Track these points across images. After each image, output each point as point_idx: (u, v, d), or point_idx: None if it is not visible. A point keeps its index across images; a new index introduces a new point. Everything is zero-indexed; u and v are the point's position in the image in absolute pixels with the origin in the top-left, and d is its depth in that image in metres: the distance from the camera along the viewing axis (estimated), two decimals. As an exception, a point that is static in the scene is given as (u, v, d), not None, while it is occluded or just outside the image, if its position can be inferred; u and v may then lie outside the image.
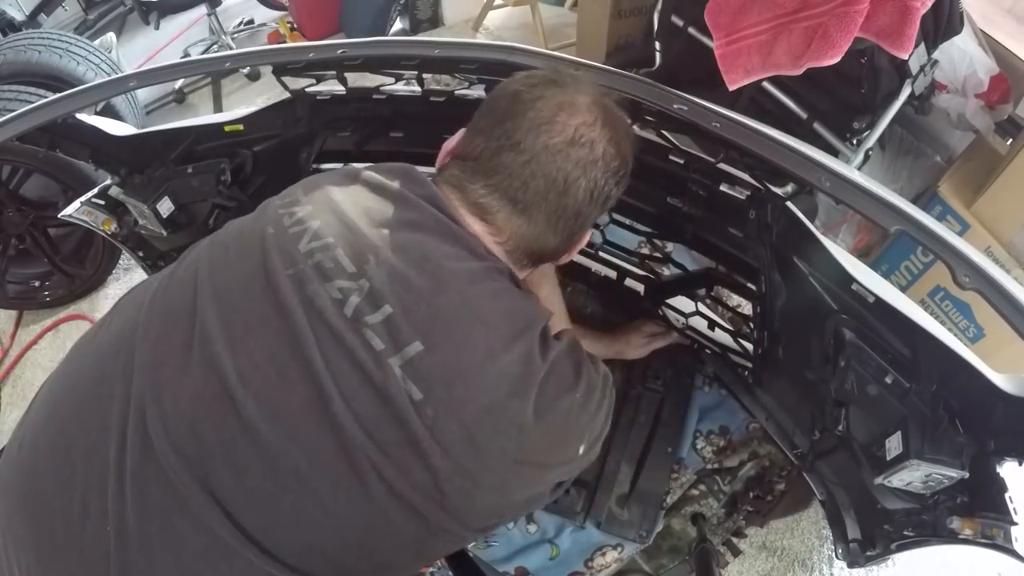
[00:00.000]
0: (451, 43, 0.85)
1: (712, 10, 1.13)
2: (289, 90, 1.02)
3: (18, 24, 2.60)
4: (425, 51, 0.85)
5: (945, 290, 1.46)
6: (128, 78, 0.94)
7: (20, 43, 1.88)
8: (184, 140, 1.05)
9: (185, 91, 2.64)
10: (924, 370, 0.68)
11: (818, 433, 0.90)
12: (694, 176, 0.91)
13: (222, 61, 0.95)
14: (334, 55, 0.88)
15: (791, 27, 1.04)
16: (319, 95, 1.05)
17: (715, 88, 1.21)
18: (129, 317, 0.59)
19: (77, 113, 0.95)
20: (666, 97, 0.76)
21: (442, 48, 0.84)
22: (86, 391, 0.57)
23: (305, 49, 0.91)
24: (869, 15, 0.98)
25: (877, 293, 0.71)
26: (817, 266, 0.79)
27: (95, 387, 0.56)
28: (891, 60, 1.19)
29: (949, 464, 0.63)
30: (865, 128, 1.35)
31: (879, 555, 0.80)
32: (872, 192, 0.66)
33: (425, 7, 2.70)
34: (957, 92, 1.41)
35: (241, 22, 2.99)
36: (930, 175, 1.61)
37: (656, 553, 1.14)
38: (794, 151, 0.70)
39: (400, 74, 0.95)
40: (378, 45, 0.90)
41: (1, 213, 1.70)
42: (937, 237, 0.63)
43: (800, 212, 0.79)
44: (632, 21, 2.02)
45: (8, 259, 1.80)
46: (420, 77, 0.96)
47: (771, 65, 1.07)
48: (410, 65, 0.89)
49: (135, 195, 1.03)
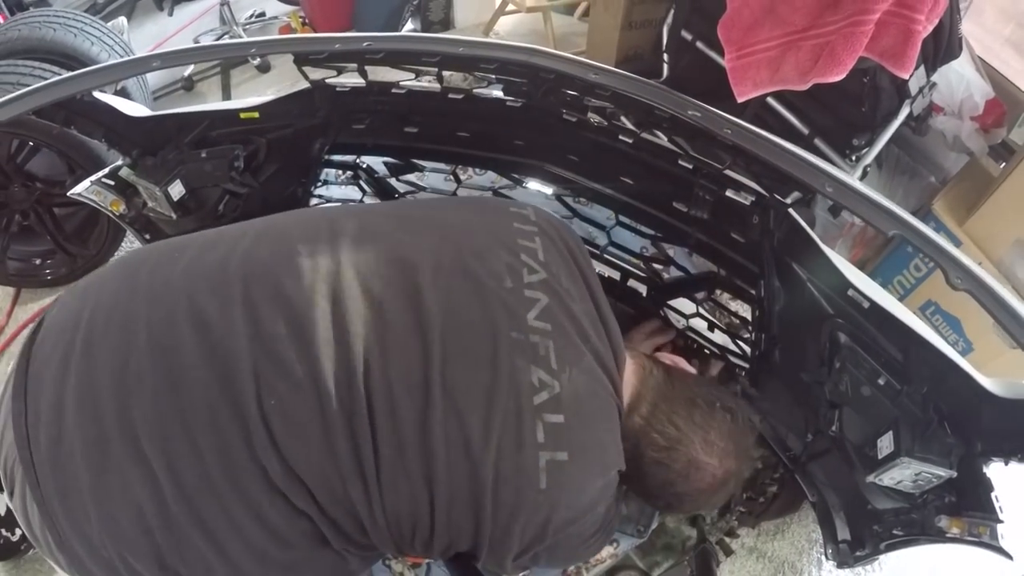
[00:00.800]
0: (475, 42, 0.88)
1: (725, 25, 1.17)
2: (309, 80, 1.04)
3: (26, 3, 2.60)
4: (449, 48, 0.87)
5: (936, 304, 1.50)
6: (151, 58, 0.95)
7: (35, 20, 1.89)
8: (199, 125, 1.06)
9: (194, 79, 2.64)
10: (915, 373, 0.71)
11: (811, 435, 0.93)
12: (701, 181, 0.94)
13: (248, 47, 0.97)
14: (358, 47, 0.90)
15: (800, 44, 1.08)
16: (338, 87, 1.07)
17: (720, 101, 1.24)
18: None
19: (95, 91, 0.95)
20: (681, 104, 0.79)
21: (466, 47, 0.86)
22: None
23: (330, 40, 0.93)
24: (874, 36, 1.02)
25: (872, 298, 0.74)
26: (815, 271, 0.82)
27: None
28: (892, 80, 1.24)
29: (938, 463, 0.66)
30: (864, 145, 1.39)
31: (868, 555, 0.82)
32: (872, 198, 0.69)
33: (438, 9, 2.74)
34: (953, 114, 1.45)
35: (253, 14, 3.01)
36: (925, 194, 1.66)
37: (650, 550, 1.16)
38: (800, 159, 0.73)
39: (420, 70, 0.97)
40: (403, 40, 0.92)
41: (7, 188, 1.70)
42: (931, 242, 0.66)
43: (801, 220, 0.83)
44: (642, 33, 2.06)
45: (10, 235, 1.79)
46: (440, 74, 0.97)
47: (779, 80, 1.11)
48: (432, 62, 0.91)
49: (147, 177, 1.03)
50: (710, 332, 1.16)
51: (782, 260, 0.87)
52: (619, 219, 1.18)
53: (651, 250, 1.22)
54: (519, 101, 1.01)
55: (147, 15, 3.08)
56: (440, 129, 1.15)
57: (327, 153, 1.20)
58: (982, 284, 0.61)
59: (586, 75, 0.80)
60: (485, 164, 1.20)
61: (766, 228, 0.90)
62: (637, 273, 1.23)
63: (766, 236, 0.90)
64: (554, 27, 2.56)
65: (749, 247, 0.94)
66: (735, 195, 0.91)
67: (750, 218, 0.91)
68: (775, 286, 0.91)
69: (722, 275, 1.05)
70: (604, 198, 1.15)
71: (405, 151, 1.22)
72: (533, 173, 1.18)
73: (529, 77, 0.91)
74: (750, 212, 0.91)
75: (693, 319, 1.15)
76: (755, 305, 0.99)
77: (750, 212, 0.91)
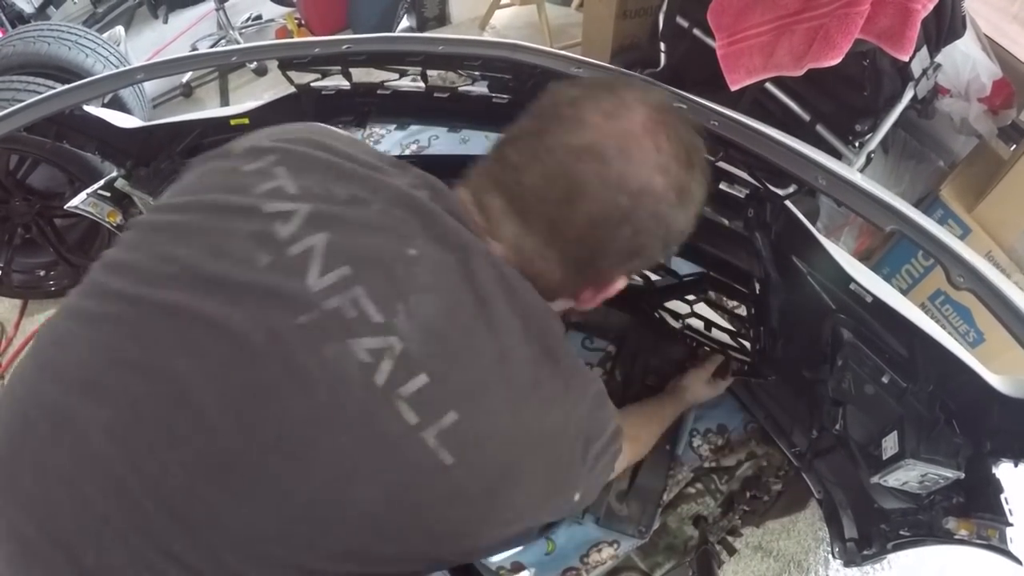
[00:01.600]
0: (455, 40, 0.86)
1: (715, 11, 1.14)
2: (295, 84, 1.03)
3: (27, 16, 2.62)
4: (429, 47, 0.86)
5: (946, 294, 1.46)
6: (135, 71, 0.95)
7: (29, 34, 1.90)
8: (190, 133, 1.06)
9: (192, 85, 2.65)
10: (921, 370, 0.69)
11: (816, 432, 0.91)
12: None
13: (229, 55, 0.97)
14: (339, 50, 0.89)
15: (793, 28, 1.05)
16: (324, 90, 1.06)
17: (719, 89, 1.21)
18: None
19: (84, 105, 0.96)
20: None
21: (446, 45, 0.85)
22: None
23: (310, 44, 0.92)
24: (870, 17, 0.99)
25: (875, 293, 0.71)
26: (815, 265, 0.80)
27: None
28: (893, 63, 1.20)
29: (945, 464, 0.64)
30: (867, 131, 1.35)
31: (875, 554, 0.81)
32: (868, 191, 0.66)
33: (432, 5, 2.72)
34: (960, 96, 1.41)
35: (249, 17, 3.01)
36: (932, 179, 1.61)
37: (652, 551, 1.15)
38: (791, 150, 0.70)
39: (404, 70, 0.96)
40: (382, 41, 0.91)
41: (8, 202, 1.72)
42: (932, 237, 0.63)
43: (799, 212, 0.80)
44: (637, 22, 2.02)
45: (14, 248, 1.81)
46: (424, 73, 0.96)
47: (773, 66, 1.08)
48: (414, 61, 0.90)
49: (141, 187, 1.04)
50: (708, 331, 1.14)
51: (781, 254, 0.85)
52: None
53: None
54: (505, 97, 0.99)
55: (145, 23, 3.09)
56: (429, 128, 1.14)
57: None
58: (985, 282, 0.58)
59: (568, 69, 0.78)
60: (473, 160, 1.20)
61: (762, 221, 0.87)
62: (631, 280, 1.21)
63: (763, 229, 0.88)
64: (550, 19, 2.53)
65: (742, 243, 0.92)
66: (729, 188, 0.89)
67: (745, 211, 0.89)
68: (775, 281, 0.89)
69: (713, 276, 1.02)
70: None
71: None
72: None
73: (514, 73, 0.89)
74: (745, 205, 0.89)
75: (690, 319, 1.13)
76: (751, 304, 0.96)
77: (745, 205, 0.89)
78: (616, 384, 1.26)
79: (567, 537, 1.16)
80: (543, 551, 1.16)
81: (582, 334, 1.35)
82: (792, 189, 0.80)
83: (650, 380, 1.22)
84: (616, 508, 1.14)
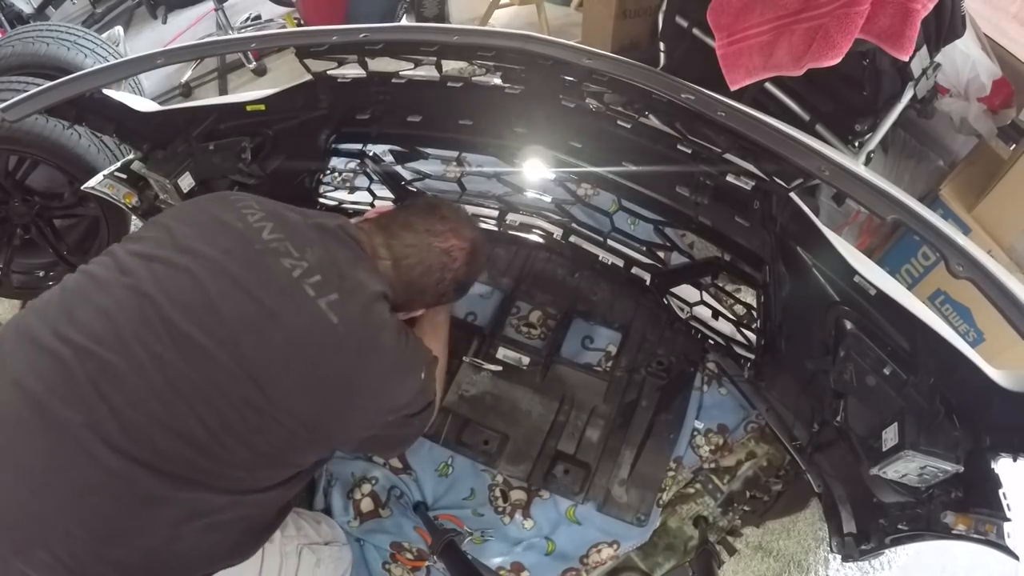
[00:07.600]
0: (469, 30, 0.87)
1: (714, 10, 1.14)
2: (311, 72, 1.03)
3: (26, 16, 2.62)
4: (444, 37, 0.87)
5: (946, 294, 1.46)
6: (155, 55, 0.95)
7: (28, 35, 1.89)
8: (207, 118, 1.07)
9: (192, 85, 2.65)
10: (922, 363, 0.69)
11: (817, 425, 0.91)
12: (701, 166, 0.92)
13: (248, 42, 0.98)
14: (356, 39, 0.90)
15: (792, 28, 1.05)
16: (340, 78, 1.06)
17: (719, 89, 1.21)
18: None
19: (104, 88, 0.96)
20: (674, 87, 0.77)
21: (461, 35, 0.86)
22: None
23: (328, 32, 0.92)
24: (870, 16, 0.99)
25: (878, 286, 0.71)
26: (820, 257, 0.80)
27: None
28: (893, 62, 1.20)
29: (944, 457, 0.64)
30: (867, 130, 1.35)
31: (873, 549, 0.81)
32: (869, 181, 0.67)
33: (432, 5, 2.72)
34: (960, 96, 1.41)
35: (248, 17, 3.01)
36: (932, 179, 1.62)
37: (652, 551, 1.14)
38: (795, 140, 0.71)
39: (419, 59, 0.97)
40: (399, 31, 0.92)
41: (7, 203, 1.71)
42: (931, 226, 0.63)
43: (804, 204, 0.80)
44: (637, 22, 2.03)
45: (13, 249, 1.80)
46: (439, 63, 0.97)
47: (772, 65, 1.08)
48: (430, 51, 0.91)
49: (157, 170, 1.04)
50: (714, 320, 1.14)
51: (787, 246, 0.85)
52: (622, 204, 1.16)
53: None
54: (518, 88, 1.00)
55: (144, 24, 3.09)
56: (442, 117, 1.14)
57: (334, 143, 1.20)
58: (984, 271, 0.58)
59: (580, 60, 0.78)
60: (487, 150, 1.20)
61: (768, 213, 0.88)
62: (641, 260, 1.21)
63: (769, 221, 0.88)
64: (550, 19, 2.54)
65: (753, 231, 0.92)
66: (736, 180, 0.89)
67: (752, 203, 0.89)
68: (780, 272, 0.89)
69: (726, 260, 1.03)
70: (607, 183, 1.13)
71: (408, 139, 1.23)
72: (535, 158, 1.17)
73: (526, 64, 0.90)
74: (751, 197, 0.89)
75: (697, 307, 1.13)
76: (761, 290, 0.96)
77: (751, 197, 0.89)
78: (621, 374, 1.26)
79: (567, 538, 1.15)
80: (543, 552, 1.15)
81: (582, 334, 1.35)
82: (798, 182, 0.80)
83: (654, 367, 1.22)
84: (616, 495, 1.14)
